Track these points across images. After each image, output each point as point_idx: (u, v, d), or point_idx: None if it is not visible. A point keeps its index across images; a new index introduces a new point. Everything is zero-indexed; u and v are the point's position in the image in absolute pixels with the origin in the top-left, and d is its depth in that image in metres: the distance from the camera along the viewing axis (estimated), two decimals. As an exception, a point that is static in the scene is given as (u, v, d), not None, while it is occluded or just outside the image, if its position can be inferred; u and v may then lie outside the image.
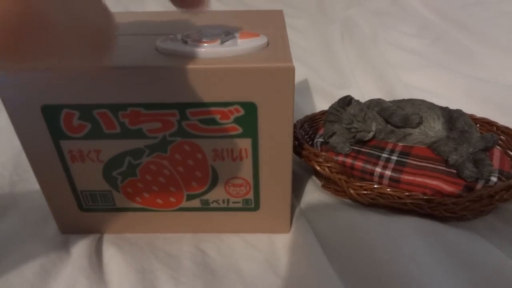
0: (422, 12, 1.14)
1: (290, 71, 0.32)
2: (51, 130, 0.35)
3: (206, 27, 0.39)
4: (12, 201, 0.45)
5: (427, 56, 0.82)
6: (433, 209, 0.37)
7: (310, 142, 0.48)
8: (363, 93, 0.66)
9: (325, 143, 0.44)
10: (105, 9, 0.17)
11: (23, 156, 0.52)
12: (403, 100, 0.46)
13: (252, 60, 0.33)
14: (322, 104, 0.63)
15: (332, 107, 0.45)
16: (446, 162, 0.40)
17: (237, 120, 0.34)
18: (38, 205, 0.45)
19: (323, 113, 0.53)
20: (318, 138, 0.47)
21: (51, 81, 0.33)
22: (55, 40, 0.14)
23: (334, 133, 0.42)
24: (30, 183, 0.48)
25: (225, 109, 0.34)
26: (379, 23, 1.03)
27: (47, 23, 0.13)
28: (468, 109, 0.48)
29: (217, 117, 0.34)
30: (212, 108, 0.34)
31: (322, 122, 0.52)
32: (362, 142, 0.43)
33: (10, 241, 0.40)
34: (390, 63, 0.77)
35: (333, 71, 0.75)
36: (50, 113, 0.34)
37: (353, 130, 0.42)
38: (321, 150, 0.45)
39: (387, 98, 0.64)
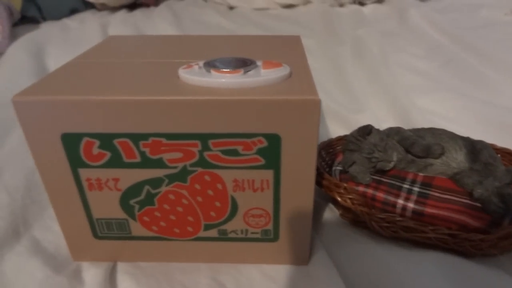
0: (430, 33, 1.14)
1: (316, 104, 0.32)
2: (70, 158, 0.35)
3: (229, 54, 0.39)
4: (25, 225, 0.44)
5: (438, 79, 0.82)
6: (458, 244, 0.36)
7: (327, 169, 0.48)
8: (378, 117, 0.65)
9: (344, 171, 0.44)
10: None
11: (36, 177, 0.52)
12: (423, 129, 0.45)
13: (277, 92, 0.32)
14: (337, 128, 0.62)
15: (351, 135, 0.44)
16: (470, 195, 0.39)
17: (260, 151, 0.34)
18: (51, 231, 0.44)
19: (339, 139, 0.52)
20: (337, 166, 0.46)
21: (72, 110, 0.32)
22: None
23: (354, 163, 0.42)
24: (43, 206, 0.48)
25: (248, 141, 0.33)
26: (388, 44, 1.03)
27: None
28: (482, 135, 0.47)
29: (240, 148, 0.34)
30: (235, 139, 0.33)
31: (339, 148, 0.51)
32: (382, 172, 0.43)
33: (23, 267, 0.39)
34: (402, 86, 0.76)
35: (346, 94, 0.74)
36: (70, 141, 0.34)
37: (373, 160, 0.41)
38: (340, 179, 0.44)
39: (402, 123, 0.64)
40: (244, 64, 0.36)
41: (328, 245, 0.41)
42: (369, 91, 0.75)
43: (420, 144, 0.41)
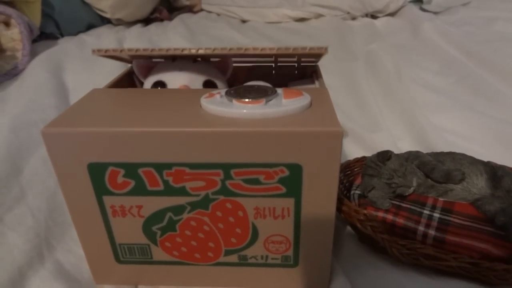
0: (444, 47, 1.14)
1: (338, 135, 0.32)
2: (95, 186, 0.35)
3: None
4: (48, 248, 0.45)
5: (453, 96, 0.82)
6: (481, 273, 0.35)
7: (345, 192, 0.48)
8: (394, 136, 0.65)
9: (363, 196, 0.44)
10: None
11: (57, 198, 0.53)
12: (442, 153, 0.45)
13: (299, 123, 0.33)
14: (353, 148, 0.63)
15: (370, 160, 0.44)
16: (491, 222, 0.39)
17: (281, 181, 0.34)
18: (73, 253, 0.45)
19: (357, 160, 0.52)
20: (355, 190, 0.46)
21: (98, 141, 0.33)
22: None
23: (373, 188, 0.42)
24: (64, 228, 0.49)
25: (270, 170, 0.34)
26: (402, 59, 1.03)
27: None
28: (501, 155, 0.47)
29: (262, 177, 0.34)
30: (257, 169, 0.34)
31: (356, 169, 0.51)
32: (402, 197, 0.43)
33: (46, 292, 0.40)
34: (417, 103, 0.76)
35: (361, 111, 0.74)
36: (96, 170, 0.35)
37: (393, 185, 0.41)
38: (359, 203, 0.44)
39: (419, 142, 0.64)
40: (265, 93, 0.36)
41: (347, 271, 0.41)
42: (385, 108, 0.75)
43: (440, 169, 0.41)
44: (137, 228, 0.38)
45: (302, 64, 0.52)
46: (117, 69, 1.00)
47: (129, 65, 0.52)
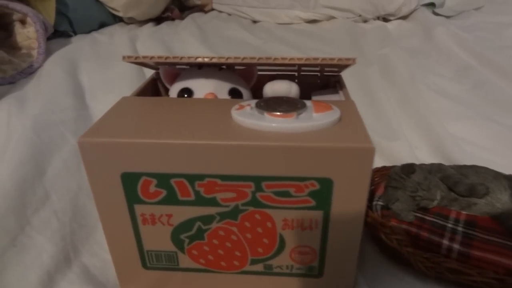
0: (458, 53, 1.13)
1: (370, 152, 0.32)
2: (128, 195, 0.36)
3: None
4: (74, 251, 0.46)
5: (469, 103, 0.82)
6: (506, 289, 0.36)
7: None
8: (411, 145, 0.65)
9: (386, 207, 0.44)
10: None
11: (80, 200, 0.53)
12: (465, 167, 0.46)
13: (330, 138, 0.33)
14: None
15: (394, 172, 0.45)
16: (515, 237, 0.39)
17: (311, 194, 0.35)
18: (98, 257, 0.46)
19: (377, 170, 0.53)
20: (378, 200, 0.46)
21: (132, 151, 0.34)
22: None
23: (397, 200, 0.42)
24: (88, 230, 0.49)
25: (301, 183, 0.34)
26: (415, 64, 1.03)
27: None
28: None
29: (292, 190, 0.35)
30: (288, 182, 0.34)
31: (377, 179, 0.52)
32: (425, 209, 0.43)
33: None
34: (433, 110, 0.76)
35: (377, 118, 0.75)
36: (129, 179, 0.35)
37: (417, 198, 0.42)
38: (382, 215, 0.44)
39: (436, 152, 0.64)
40: (295, 106, 0.37)
41: (370, 282, 0.41)
42: (401, 115, 0.75)
43: (464, 183, 0.42)
44: (166, 236, 0.38)
45: (325, 73, 0.52)
46: (131, 69, 1.01)
47: (144, 68, 0.52)
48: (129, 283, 0.42)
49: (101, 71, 1.01)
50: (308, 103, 0.38)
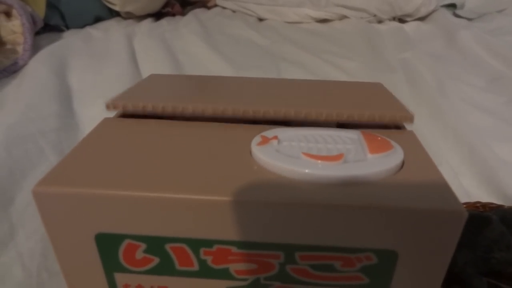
0: (486, 59, 1.03)
1: (460, 217, 0.22)
2: (105, 261, 0.26)
3: (317, 123, 0.30)
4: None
5: (509, 120, 0.72)
6: None
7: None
8: (455, 170, 0.55)
9: (449, 271, 0.34)
10: None
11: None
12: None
13: (398, 195, 0.23)
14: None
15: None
16: None
17: (365, 269, 0.25)
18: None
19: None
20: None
21: (111, 206, 0.24)
22: None
23: (465, 263, 0.32)
24: (60, 281, 0.39)
25: (352, 256, 0.24)
26: (442, 71, 0.93)
27: None
28: None
29: (338, 263, 0.24)
30: (332, 254, 0.24)
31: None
32: (497, 273, 0.33)
33: None
34: (471, 127, 0.66)
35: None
36: (106, 242, 0.25)
37: (492, 260, 0.32)
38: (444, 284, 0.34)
39: (485, 179, 0.54)
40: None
41: None
42: (437, 133, 0.65)
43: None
44: (158, 313, 0.28)
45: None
46: (126, 69, 0.91)
47: (142, 68, 0.42)
48: None
49: (93, 71, 0.90)
50: (356, 135, 0.28)
